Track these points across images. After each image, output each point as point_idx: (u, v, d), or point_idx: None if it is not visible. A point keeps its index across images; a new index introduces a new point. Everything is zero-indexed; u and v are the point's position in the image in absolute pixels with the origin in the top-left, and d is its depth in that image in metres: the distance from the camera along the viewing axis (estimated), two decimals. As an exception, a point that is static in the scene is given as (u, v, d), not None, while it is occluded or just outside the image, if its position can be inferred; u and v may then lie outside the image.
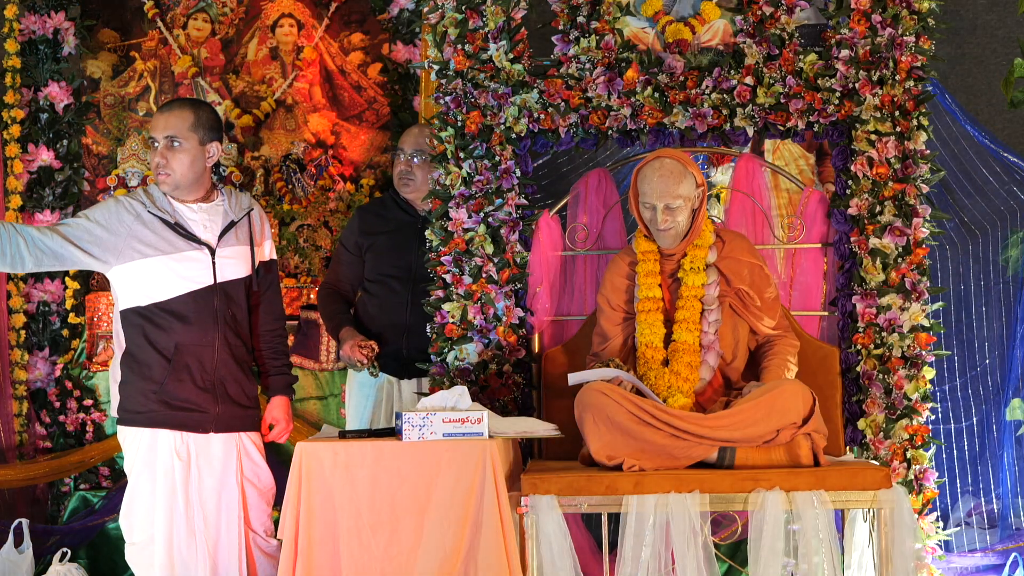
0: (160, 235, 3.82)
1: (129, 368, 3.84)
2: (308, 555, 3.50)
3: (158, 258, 3.80)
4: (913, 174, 4.17)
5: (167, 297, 3.81)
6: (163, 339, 3.81)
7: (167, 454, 3.82)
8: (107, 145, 5.54)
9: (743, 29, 4.28)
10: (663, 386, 3.90)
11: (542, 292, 4.41)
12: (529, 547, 3.60)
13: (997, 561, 4.54)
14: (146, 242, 3.80)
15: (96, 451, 5.30)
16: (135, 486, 3.85)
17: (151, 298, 3.81)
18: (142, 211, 3.83)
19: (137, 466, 3.84)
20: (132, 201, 3.85)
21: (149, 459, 3.83)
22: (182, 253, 3.83)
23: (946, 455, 4.78)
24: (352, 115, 5.50)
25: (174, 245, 3.83)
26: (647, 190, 3.94)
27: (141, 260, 3.80)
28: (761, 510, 3.57)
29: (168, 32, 5.54)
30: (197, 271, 3.84)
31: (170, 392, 3.80)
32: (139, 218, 3.82)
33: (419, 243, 4.48)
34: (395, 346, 4.50)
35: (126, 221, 3.80)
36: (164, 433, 3.82)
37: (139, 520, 3.84)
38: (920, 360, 4.14)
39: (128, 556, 3.90)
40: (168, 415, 3.81)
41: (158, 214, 3.84)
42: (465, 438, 3.53)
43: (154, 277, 3.81)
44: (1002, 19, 5.81)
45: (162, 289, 3.81)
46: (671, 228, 3.95)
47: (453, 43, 4.33)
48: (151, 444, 3.82)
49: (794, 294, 4.41)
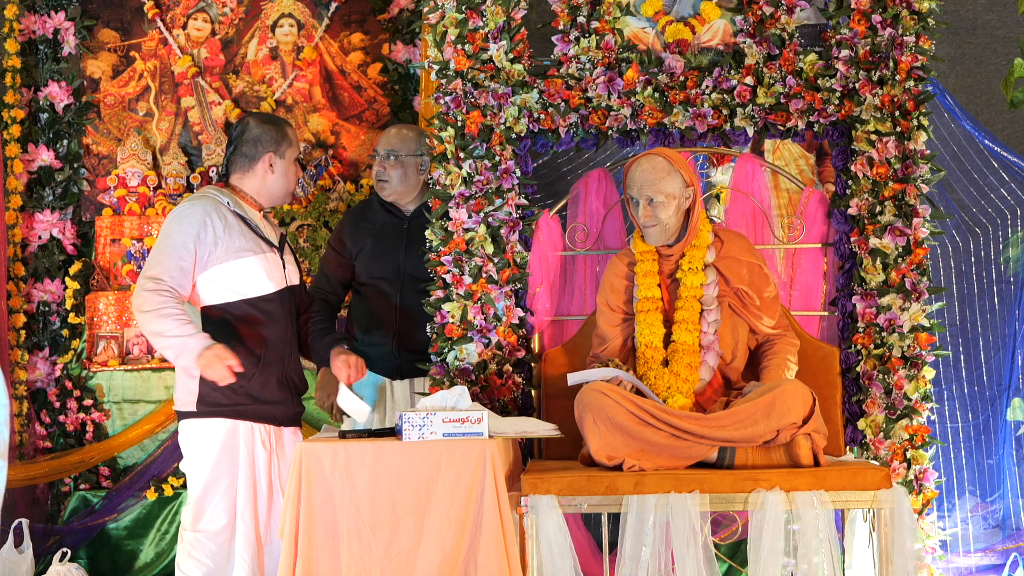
0: (246, 236, 3.93)
1: None
2: (308, 555, 3.51)
3: (250, 257, 3.91)
4: (913, 174, 4.17)
5: (257, 294, 3.92)
6: (252, 335, 3.91)
7: (250, 445, 3.90)
8: (107, 145, 5.54)
9: (743, 29, 4.28)
10: (663, 386, 3.90)
11: (542, 292, 4.41)
12: (529, 547, 3.60)
13: (997, 561, 4.54)
14: (240, 244, 3.90)
15: (96, 451, 5.30)
16: (213, 476, 3.88)
17: (241, 295, 3.91)
18: (227, 213, 3.93)
19: (214, 456, 3.88)
20: (218, 205, 3.92)
21: (231, 449, 3.89)
22: (265, 255, 3.95)
23: (946, 455, 4.78)
24: (352, 115, 5.50)
25: (259, 246, 3.95)
26: (630, 183, 3.97)
27: (235, 260, 3.89)
28: (761, 510, 3.57)
29: (168, 32, 5.54)
30: (276, 272, 3.98)
31: (257, 386, 3.89)
32: (225, 220, 3.91)
33: (405, 243, 4.50)
34: (386, 347, 4.50)
35: (216, 228, 3.88)
36: (245, 425, 3.90)
37: (216, 509, 3.88)
38: (920, 360, 4.13)
39: (187, 543, 3.88)
40: (254, 408, 3.90)
41: (241, 214, 3.96)
42: (465, 438, 3.53)
43: (245, 275, 3.91)
44: (1002, 19, 5.81)
45: (252, 286, 3.92)
46: (654, 224, 3.94)
47: (453, 43, 4.33)
48: (232, 435, 3.89)
49: (794, 294, 4.41)
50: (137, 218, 5.46)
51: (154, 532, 5.21)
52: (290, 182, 4.08)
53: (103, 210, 5.48)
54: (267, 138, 4.02)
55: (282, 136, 4.06)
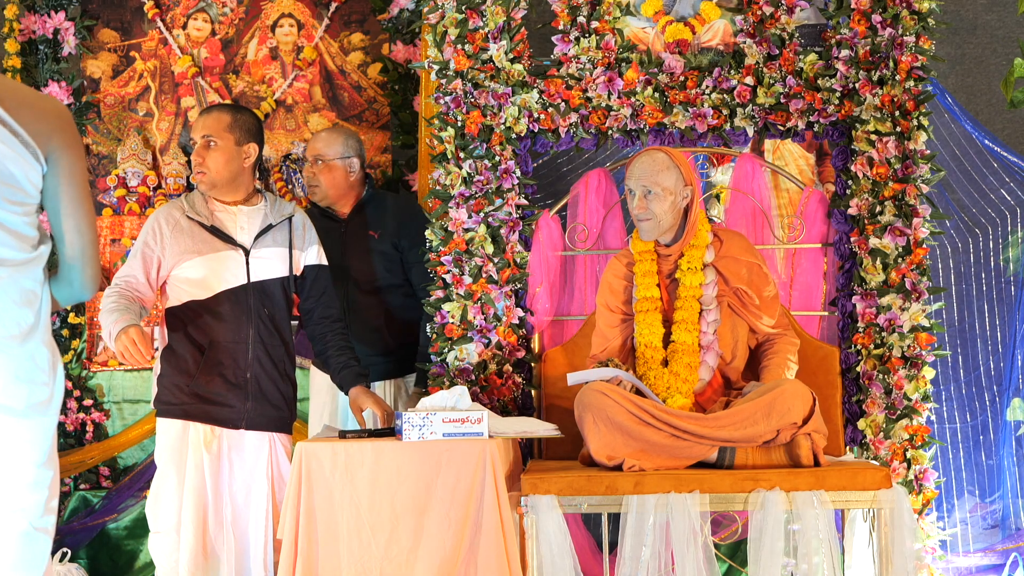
0: (197, 238, 3.93)
1: (167, 362, 3.95)
2: (308, 555, 3.51)
3: (196, 259, 3.91)
4: (913, 174, 4.17)
5: (205, 296, 3.92)
6: (199, 335, 3.91)
7: (197, 446, 3.89)
8: (107, 145, 5.54)
9: (743, 29, 4.28)
10: (662, 387, 3.90)
11: (542, 292, 4.41)
12: (529, 547, 3.60)
13: (997, 561, 4.54)
14: (185, 247, 3.92)
15: (96, 451, 5.30)
16: (163, 475, 3.91)
17: (191, 296, 3.92)
18: (180, 217, 3.96)
19: (165, 456, 3.91)
20: (172, 210, 3.99)
21: (179, 449, 3.90)
22: (218, 254, 3.93)
23: (945, 455, 4.78)
24: (352, 115, 5.50)
25: (211, 246, 3.93)
26: (630, 174, 3.99)
27: (183, 263, 3.92)
28: (761, 510, 3.56)
29: (168, 32, 5.54)
30: (232, 271, 3.94)
31: (202, 386, 3.88)
32: (177, 225, 3.95)
33: (345, 247, 4.50)
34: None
35: (164, 233, 3.94)
36: (195, 426, 3.90)
37: (164, 509, 3.88)
38: (920, 360, 4.13)
39: (151, 544, 3.92)
40: (200, 408, 3.89)
41: (195, 218, 3.96)
42: (465, 438, 3.53)
43: (193, 277, 3.92)
44: (1002, 19, 5.81)
45: (200, 288, 3.92)
46: (648, 218, 3.94)
47: (453, 43, 4.33)
48: (181, 435, 3.90)
49: (794, 294, 4.41)
50: (137, 218, 5.46)
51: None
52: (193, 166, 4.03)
53: (103, 210, 5.48)
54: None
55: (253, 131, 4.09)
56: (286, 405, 4.02)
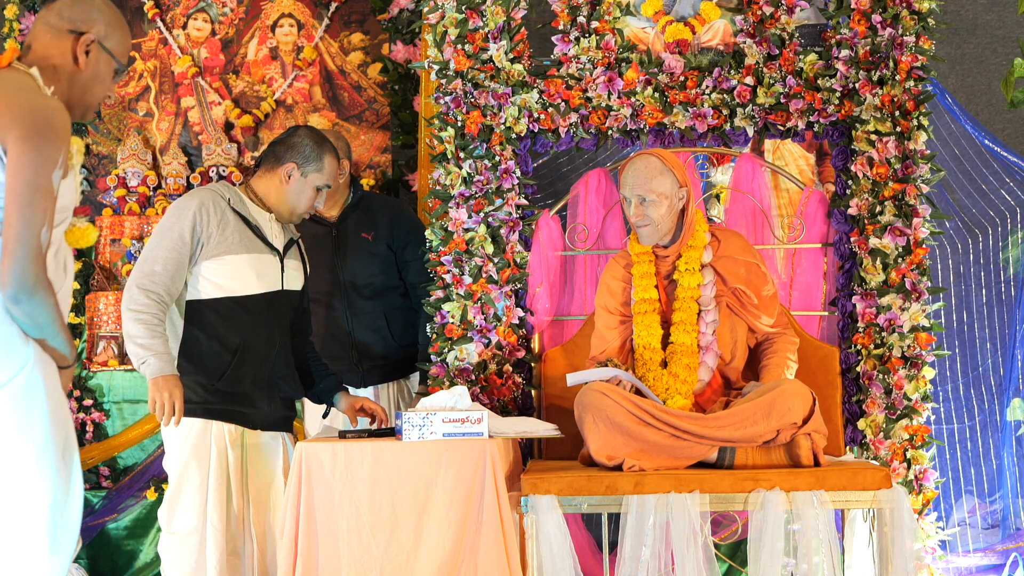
0: (244, 234, 3.84)
1: (187, 359, 3.82)
2: (308, 555, 3.51)
3: (243, 256, 3.82)
4: (913, 174, 4.17)
5: (244, 293, 3.83)
6: (230, 333, 3.82)
7: (221, 445, 3.81)
8: (107, 145, 5.54)
9: (743, 29, 4.28)
10: (661, 388, 3.90)
11: (542, 292, 4.41)
12: (529, 547, 3.60)
13: (997, 561, 4.54)
14: (233, 240, 3.82)
15: (96, 451, 5.30)
16: (184, 475, 3.80)
17: (227, 292, 3.82)
18: (226, 208, 3.85)
19: (186, 455, 3.80)
20: (217, 199, 3.85)
21: (201, 448, 3.80)
22: (262, 255, 3.87)
23: (945, 455, 4.78)
24: (352, 115, 5.51)
25: (256, 245, 3.86)
26: (623, 182, 3.98)
27: (227, 256, 3.80)
28: (761, 510, 3.56)
29: (168, 32, 5.54)
30: (271, 275, 3.89)
31: (228, 385, 3.81)
32: (224, 216, 3.83)
33: (338, 252, 4.46)
34: (347, 359, 4.47)
35: (211, 221, 3.80)
36: (217, 424, 3.81)
37: (185, 509, 3.79)
38: (920, 360, 4.13)
39: (165, 546, 3.80)
40: (224, 408, 3.81)
41: (240, 211, 3.87)
42: (465, 438, 3.53)
43: (234, 272, 3.82)
44: (1002, 19, 5.81)
45: (240, 285, 3.83)
46: (646, 224, 3.94)
47: (453, 43, 4.33)
48: (203, 434, 3.80)
49: (794, 294, 4.41)
50: (137, 218, 5.46)
51: (154, 532, 5.20)
52: (299, 203, 3.92)
53: (103, 210, 5.48)
54: (300, 151, 3.92)
55: (315, 157, 3.92)
56: (294, 408, 4.04)
